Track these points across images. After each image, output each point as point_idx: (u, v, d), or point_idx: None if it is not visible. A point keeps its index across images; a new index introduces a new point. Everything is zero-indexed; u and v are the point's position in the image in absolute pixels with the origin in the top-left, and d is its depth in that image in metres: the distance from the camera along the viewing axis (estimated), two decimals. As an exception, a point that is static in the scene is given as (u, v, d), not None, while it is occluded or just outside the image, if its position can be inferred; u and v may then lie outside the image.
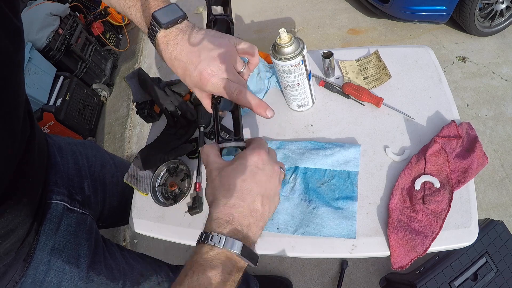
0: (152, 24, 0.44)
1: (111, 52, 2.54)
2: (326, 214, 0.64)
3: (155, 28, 0.44)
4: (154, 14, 0.43)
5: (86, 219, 0.66)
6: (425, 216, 0.60)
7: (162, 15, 0.43)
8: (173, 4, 0.45)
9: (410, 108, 0.73)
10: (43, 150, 0.63)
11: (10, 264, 0.53)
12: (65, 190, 0.64)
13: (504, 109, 1.59)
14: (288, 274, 1.35)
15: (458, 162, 0.64)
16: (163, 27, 0.43)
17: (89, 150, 0.78)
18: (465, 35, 1.91)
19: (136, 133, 2.09)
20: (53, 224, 0.59)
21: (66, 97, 1.91)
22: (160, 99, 0.81)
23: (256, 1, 2.60)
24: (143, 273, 0.75)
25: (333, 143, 0.72)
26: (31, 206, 0.55)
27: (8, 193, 0.48)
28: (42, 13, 1.95)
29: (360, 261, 1.30)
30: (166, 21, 0.43)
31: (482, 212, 1.33)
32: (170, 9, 0.44)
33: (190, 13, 2.69)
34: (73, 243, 0.61)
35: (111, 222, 0.84)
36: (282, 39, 0.63)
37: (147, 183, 0.76)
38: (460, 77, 1.75)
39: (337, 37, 2.16)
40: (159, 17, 0.43)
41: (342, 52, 0.87)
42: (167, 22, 0.43)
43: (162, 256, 1.53)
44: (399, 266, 0.58)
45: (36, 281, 0.56)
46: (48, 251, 0.57)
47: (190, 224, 0.70)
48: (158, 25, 0.43)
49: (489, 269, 0.89)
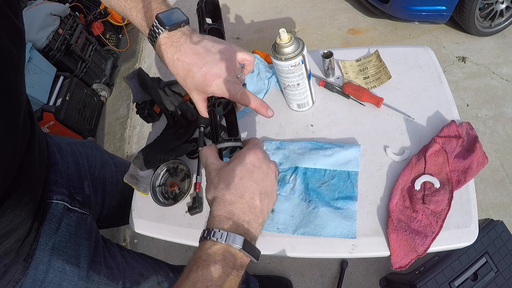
0: (154, 25, 0.45)
1: (111, 52, 2.54)
2: (326, 214, 0.64)
3: (158, 30, 0.45)
4: (158, 16, 0.44)
5: (86, 219, 0.66)
6: (425, 216, 0.60)
7: (166, 17, 0.44)
8: (177, 9, 0.46)
9: (410, 108, 0.73)
10: (43, 150, 0.63)
11: (10, 264, 0.53)
12: (65, 190, 0.64)
13: (504, 109, 1.59)
14: (288, 274, 1.35)
15: (458, 162, 0.64)
16: (167, 29, 0.44)
17: (89, 150, 0.78)
18: (465, 35, 1.91)
19: (136, 133, 2.09)
20: (53, 224, 0.59)
21: (66, 97, 1.91)
22: (160, 99, 0.81)
23: (256, 1, 2.60)
24: (143, 273, 0.75)
25: (333, 143, 0.72)
26: (31, 206, 0.55)
27: (9, 193, 0.49)
28: (42, 13, 1.95)
29: (360, 261, 1.30)
30: (170, 23, 0.44)
31: (482, 212, 1.33)
32: (174, 12, 0.45)
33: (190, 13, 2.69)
34: (73, 243, 0.61)
35: (110, 222, 0.84)
36: (282, 39, 0.63)
37: (147, 183, 0.76)
38: (460, 77, 1.75)
39: (337, 37, 2.16)
40: (163, 19, 0.44)
41: (342, 52, 0.87)
42: (171, 24, 0.44)
43: (162, 256, 1.54)
44: (399, 266, 0.58)
45: (36, 281, 0.56)
46: (48, 251, 0.57)
47: (190, 224, 0.70)
48: (162, 27, 0.44)
49: (489, 269, 0.89)
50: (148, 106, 0.85)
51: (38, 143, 0.60)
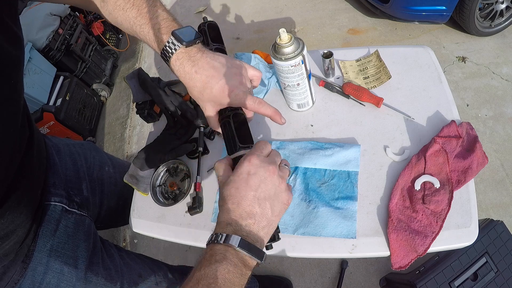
0: (170, 41, 0.47)
1: (111, 52, 2.53)
2: (326, 214, 0.64)
3: (174, 45, 0.47)
4: (175, 32, 0.47)
5: (84, 221, 0.66)
6: (425, 216, 0.60)
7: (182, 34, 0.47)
8: (190, 27, 0.49)
9: (410, 108, 0.73)
10: (41, 151, 0.63)
11: (9, 265, 0.53)
12: (64, 191, 0.64)
13: (504, 109, 1.59)
14: (288, 274, 1.35)
15: (458, 162, 0.64)
16: (184, 45, 0.47)
17: (88, 151, 0.78)
18: (465, 35, 1.91)
19: (136, 133, 2.09)
20: (51, 226, 0.59)
21: (66, 97, 1.91)
22: (160, 99, 0.81)
23: (256, 1, 2.60)
24: (141, 273, 0.75)
25: (333, 143, 0.72)
26: (30, 208, 0.55)
27: (8, 195, 0.49)
28: (42, 13, 1.95)
29: (360, 261, 1.30)
30: (187, 39, 0.47)
31: (482, 212, 1.33)
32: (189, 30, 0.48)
33: (190, 13, 2.69)
34: (71, 245, 0.61)
35: (109, 223, 0.84)
36: (282, 39, 0.63)
37: (147, 183, 0.76)
38: (460, 77, 1.75)
39: (337, 37, 2.16)
40: (180, 35, 0.47)
41: (342, 52, 0.87)
42: (189, 40, 0.47)
43: (162, 256, 1.54)
44: (399, 266, 0.58)
45: (35, 282, 0.56)
46: (46, 252, 0.57)
47: (190, 224, 0.70)
48: (179, 42, 0.47)
49: (489, 269, 0.89)
50: (148, 106, 0.85)
51: (37, 145, 0.59)
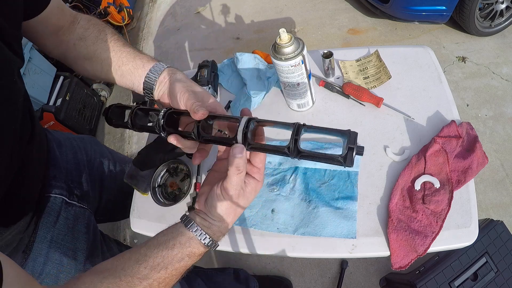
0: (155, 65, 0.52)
1: (111, 52, 2.53)
2: (326, 214, 0.64)
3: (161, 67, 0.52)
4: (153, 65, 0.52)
5: (84, 213, 0.67)
6: (425, 216, 0.60)
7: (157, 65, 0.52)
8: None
9: (410, 108, 0.73)
10: (43, 145, 0.64)
11: (10, 255, 0.54)
12: (64, 184, 0.65)
13: (504, 109, 1.59)
14: (288, 274, 1.35)
15: (458, 162, 0.64)
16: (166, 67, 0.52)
17: (88, 144, 0.79)
18: (465, 35, 1.91)
19: (136, 133, 2.09)
20: (52, 217, 0.60)
21: (66, 97, 1.91)
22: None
23: (256, 1, 2.60)
24: None
25: (333, 143, 0.72)
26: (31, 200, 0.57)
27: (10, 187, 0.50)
28: (42, 13, 1.95)
29: (360, 261, 1.30)
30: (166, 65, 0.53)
31: (482, 212, 1.33)
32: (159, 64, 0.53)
33: (190, 13, 2.69)
34: (71, 236, 0.62)
35: (109, 216, 0.85)
36: (282, 39, 0.63)
37: (147, 183, 0.76)
38: (460, 77, 1.75)
39: (337, 37, 2.16)
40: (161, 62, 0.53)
41: (342, 52, 0.87)
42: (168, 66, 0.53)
43: (162, 256, 1.54)
44: (399, 266, 0.58)
45: (35, 272, 0.57)
46: (46, 243, 0.58)
47: (190, 224, 0.70)
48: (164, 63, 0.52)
49: (489, 269, 0.89)
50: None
51: (39, 139, 0.61)
